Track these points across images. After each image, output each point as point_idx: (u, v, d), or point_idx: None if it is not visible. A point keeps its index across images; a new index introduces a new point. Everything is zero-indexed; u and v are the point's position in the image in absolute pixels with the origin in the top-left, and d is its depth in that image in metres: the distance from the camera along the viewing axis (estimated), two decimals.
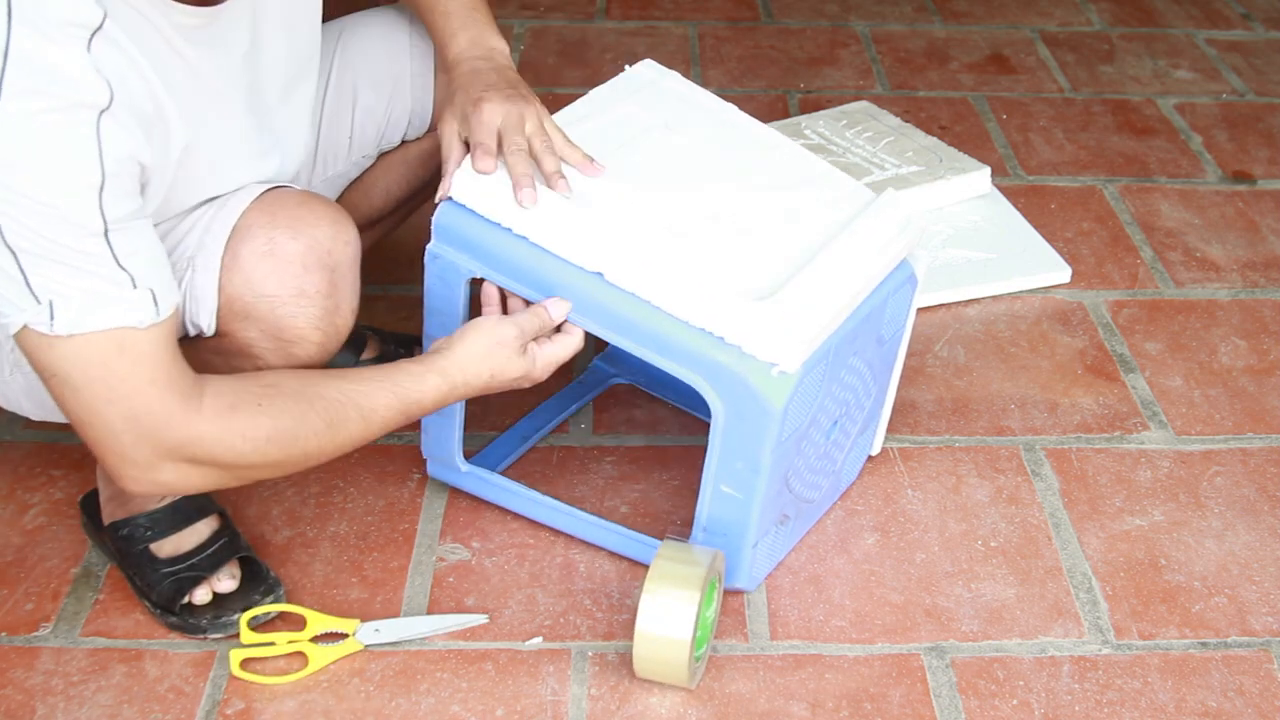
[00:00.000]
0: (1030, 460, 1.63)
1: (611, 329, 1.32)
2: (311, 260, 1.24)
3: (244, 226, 1.24)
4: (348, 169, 1.56)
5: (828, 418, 1.39)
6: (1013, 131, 2.35)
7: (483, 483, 1.51)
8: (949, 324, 1.87)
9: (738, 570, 1.39)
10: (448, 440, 1.47)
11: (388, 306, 1.85)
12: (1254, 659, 1.38)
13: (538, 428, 1.62)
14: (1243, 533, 1.53)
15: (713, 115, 1.51)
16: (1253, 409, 1.72)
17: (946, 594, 1.44)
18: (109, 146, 1.07)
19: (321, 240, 1.25)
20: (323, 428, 1.20)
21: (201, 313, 1.24)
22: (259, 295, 1.23)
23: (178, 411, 1.13)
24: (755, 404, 1.27)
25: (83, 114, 1.05)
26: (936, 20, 2.76)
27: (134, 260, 1.10)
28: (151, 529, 1.39)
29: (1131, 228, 2.09)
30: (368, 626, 1.36)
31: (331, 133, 1.52)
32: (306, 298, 1.24)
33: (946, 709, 1.31)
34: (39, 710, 1.29)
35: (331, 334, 1.28)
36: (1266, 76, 2.56)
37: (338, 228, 1.26)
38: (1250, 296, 1.94)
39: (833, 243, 1.35)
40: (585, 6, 2.75)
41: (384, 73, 1.52)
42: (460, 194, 1.33)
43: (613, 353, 1.72)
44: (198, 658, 1.35)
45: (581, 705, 1.31)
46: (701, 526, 1.37)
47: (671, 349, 1.29)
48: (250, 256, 1.23)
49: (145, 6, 1.12)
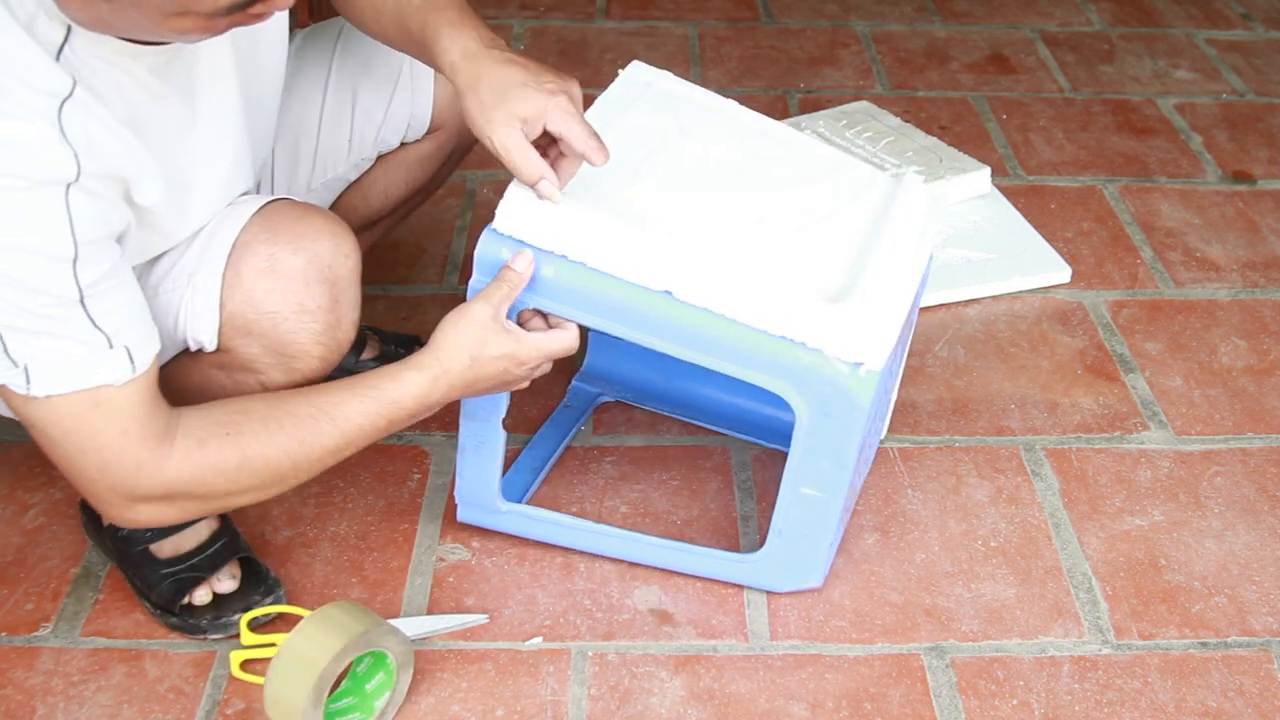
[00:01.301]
0: (1030, 460, 1.63)
1: (683, 344, 1.29)
2: (313, 275, 1.23)
3: (244, 243, 1.23)
4: (346, 171, 1.55)
5: (883, 406, 1.40)
6: (1013, 131, 2.35)
7: (526, 520, 1.46)
8: (949, 324, 1.87)
9: (813, 569, 1.40)
10: (488, 480, 1.42)
11: (388, 306, 1.85)
12: (1254, 659, 1.38)
13: (545, 457, 1.59)
14: (1243, 533, 1.53)
15: (719, 114, 1.51)
16: (1253, 409, 1.72)
17: (946, 594, 1.44)
18: (79, 218, 1.05)
19: (322, 255, 1.24)
20: (295, 446, 1.19)
21: (203, 330, 1.24)
22: (261, 312, 1.23)
23: (148, 460, 1.15)
24: (844, 402, 1.27)
25: (50, 190, 1.03)
26: (936, 20, 2.76)
27: (110, 319, 1.10)
28: (150, 530, 1.39)
29: (1131, 228, 2.09)
30: None
31: (330, 135, 1.51)
32: (308, 313, 1.24)
33: (946, 709, 1.31)
34: (39, 710, 1.29)
35: (333, 348, 1.28)
36: (1266, 76, 2.56)
37: (338, 241, 1.26)
38: (1250, 296, 1.94)
39: (879, 235, 1.36)
40: (585, 6, 2.75)
41: (383, 75, 1.51)
42: (506, 225, 1.27)
43: (590, 372, 1.70)
44: (198, 658, 1.35)
45: (581, 705, 1.31)
46: (778, 531, 1.37)
47: (751, 359, 1.28)
48: (251, 273, 1.22)
49: (115, 58, 1.10)
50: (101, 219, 1.09)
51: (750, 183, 1.42)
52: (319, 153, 1.52)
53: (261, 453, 1.18)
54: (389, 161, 1.58)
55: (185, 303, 1.23)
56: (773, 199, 1.40)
